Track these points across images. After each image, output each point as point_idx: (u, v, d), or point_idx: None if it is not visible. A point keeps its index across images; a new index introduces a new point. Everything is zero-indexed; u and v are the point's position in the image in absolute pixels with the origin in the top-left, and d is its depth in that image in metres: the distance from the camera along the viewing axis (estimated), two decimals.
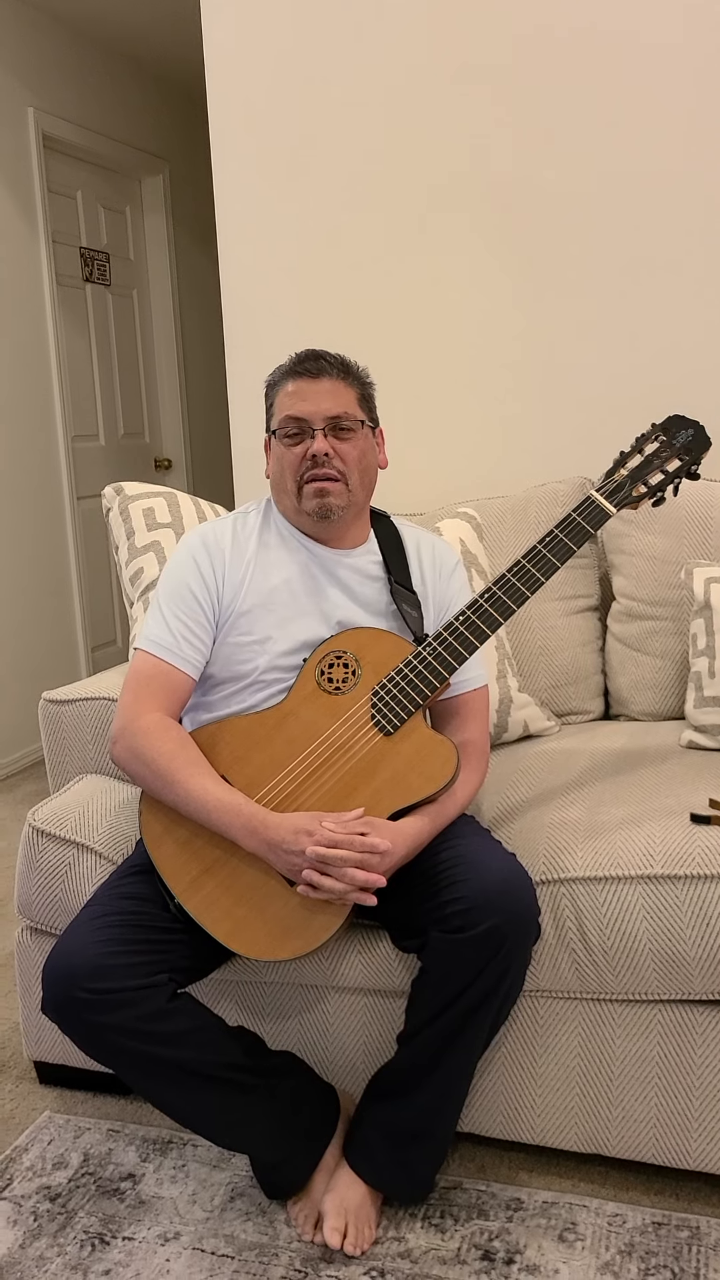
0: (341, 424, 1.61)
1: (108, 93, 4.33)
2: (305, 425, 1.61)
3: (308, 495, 1.62)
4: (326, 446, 1.60)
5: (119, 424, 4.59)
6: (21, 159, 3.85)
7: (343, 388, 1.63)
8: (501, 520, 2.28)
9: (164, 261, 4.78)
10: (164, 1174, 1.71)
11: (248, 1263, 1.52)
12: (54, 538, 4.10)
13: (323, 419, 1.61)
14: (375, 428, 1.69)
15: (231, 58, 2.65)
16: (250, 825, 1.47)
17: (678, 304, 2.45)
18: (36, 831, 1.79)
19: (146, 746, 1.54)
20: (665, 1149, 1.59)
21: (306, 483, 1.62)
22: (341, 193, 2.64)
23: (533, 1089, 1.63)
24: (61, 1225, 1.61)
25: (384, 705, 1.56)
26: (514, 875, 1.47)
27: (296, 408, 1.61)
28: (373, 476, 1.70)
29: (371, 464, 1.68)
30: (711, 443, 1.63)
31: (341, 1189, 1.56)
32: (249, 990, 1.74)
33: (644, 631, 2.19)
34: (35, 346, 3.96)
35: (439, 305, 2.63)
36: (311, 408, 1.60)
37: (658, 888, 1.51)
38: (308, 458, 1.61)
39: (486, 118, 2.50)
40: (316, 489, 1.61)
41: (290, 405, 1.62)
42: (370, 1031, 1.69)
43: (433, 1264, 1.50)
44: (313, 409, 1.60)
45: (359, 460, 1.64)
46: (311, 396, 1.61)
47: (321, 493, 1.61)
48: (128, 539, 2.10)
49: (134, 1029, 1.41)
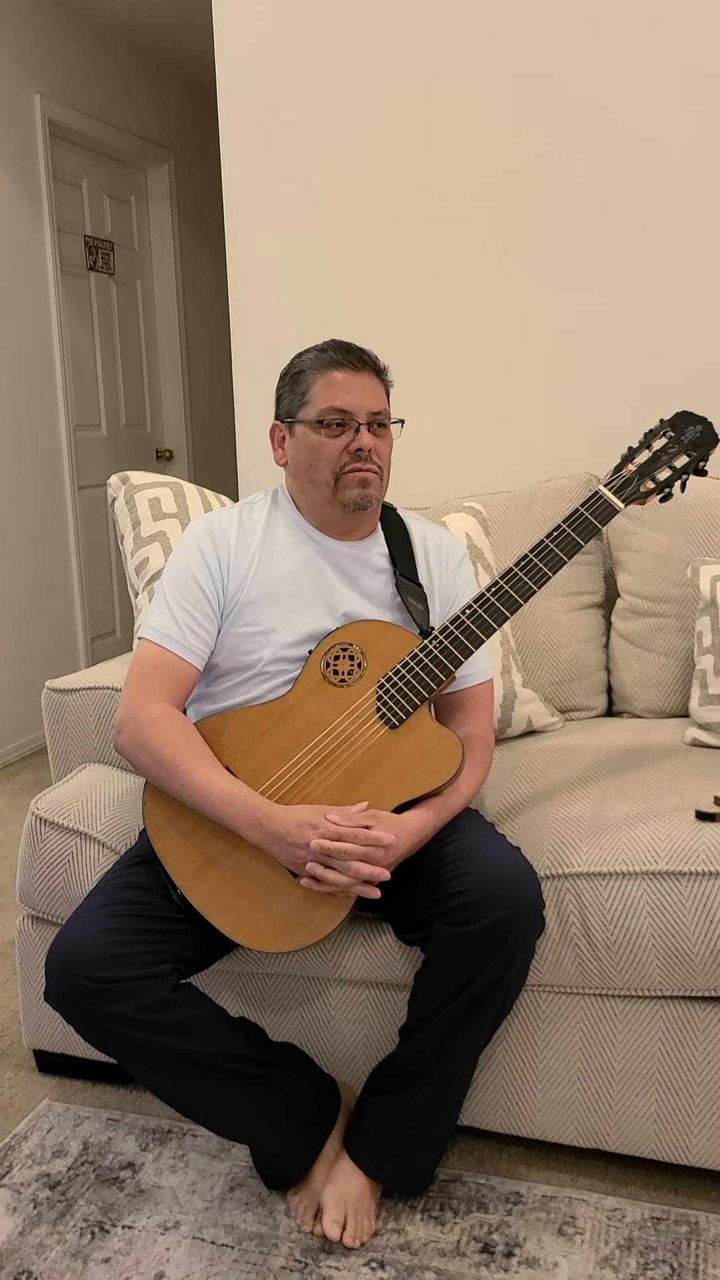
0: (381, 420, 1.62)
1: (115, 82, 4.31)
2: (349, 418, 1.60)
3: (349, 485, 1.61)
4: (372, 442, 1.60)
5: (121, 414, 4.58)
6: (27, 146, 3.84)
7: (378, 384, 1.64)
8: (506, 515, 2.28)
9: (168, 252, 4.77)
10: (164, 1163, 1.71)
11: (247, 1253, 1.52)
12: (55, 527, 4.09)
13: (367, 414, 1.60)
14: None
15: (243, 48, 2.64)
16: (254, 817, 1.47)
17: (685, 301, 2.45)
18: (40, 820, 1.79)
19: (151, 736, 1.54)
20: (665, 1144, 1.60)
21: (348, 474, 1.61)
22: (350, 186, 2.63)
23: (533, 1083, 1.64)
24: (61, 1213, 1.61)
25: (389, 698, 1.56)
26: (519, 869, 1.47)
27: (341, 399, 1.60)
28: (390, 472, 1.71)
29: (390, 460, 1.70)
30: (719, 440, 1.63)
31: (341, 1180, 1.57)
32: (251, 981, 1.74)
33: (648, 628, 2.19)
34: (38, 335, 3.95)
35: (446, 299, 2.62)
36: (357, 401, 1.60)
37: (662, 884, 1.52)
38: (349, 451, 1.60)
39: (498, 115, 2.49)
40: (360, 479, 1.61)
41: (334, 396, 1.60)
42: (372, 1024, 1.69)
43: (432, 1256, 1.51)
44: (358, 403, 1.60)
45: (389, 455, 1.66)
46: (355, 389, 1.60)
47: (365, 483, 1.61)
48: (133, 528, 2.10)
49: (137, 1018, 1.41)
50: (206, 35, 4.02)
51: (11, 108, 3.76)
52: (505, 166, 2.51)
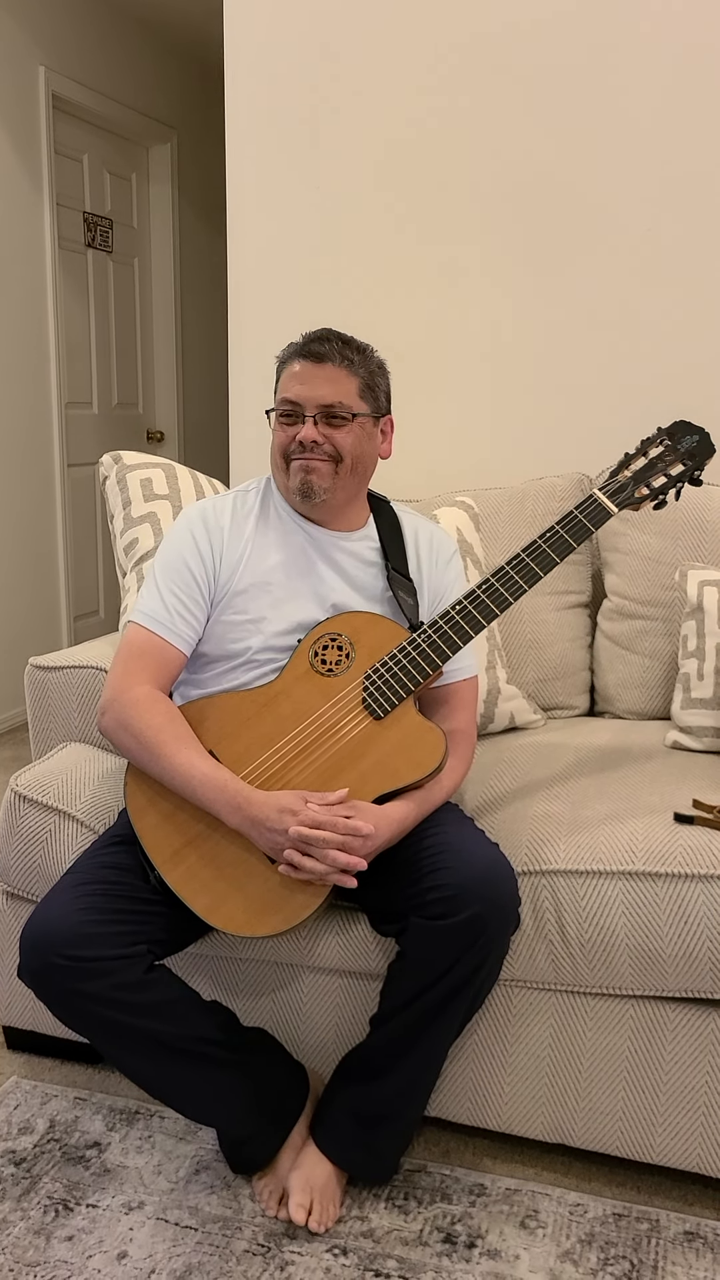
0: (334, 413, 1.61)
1: (120, 57, 4.28)
2: (298, 409, 1.61)
3: (293, 472, 1.64)
4: (315, 435, 1.60)
5: (113, 393, 4.56)
6: (30, 118, 3.80)
7: (344, 376, 1.62)
8: (498, 511, 2.29)
9: (167, 231, 4.74)
10: (130, 1144, 1.71)
11: (210, 1235, 1.53)
12: (43, 504, 4.07)
13: (316, 406, 1.60)
14: (380, 417, 1.68)
15: (251, 29, 2.63)
16: (234, 801, 1.47)
17: (684, 304, 2.46)
18: (19, 797, 1.79)
19: (135, 718, 1.54)
20: (629, 1142, 1.61)
21: (293, 461, 1.63)
22: (354, 171, 2.63)
23: (502, 1077, 1.65)
24: (25, 1190, 1.61)
25: (375, 690, 1.56)
26: (496, 865, 1.48)
27: (294, 390, 1.61)
28: (367, 465, 1.69)
29: (367, 453, 1.67)
30: (716, 449, 1.63)
31: (307, 1167, 1.57)
32: (224, 966, 1.74)
33: (634, 630, 2.20)
34: (34, 309, 3.92)
35: (445, 292, 2.62)
36: (308, 393, 1.60)
37: (638, 884, 1.53)
38: (296, 441, 1.62)
39: (503, 107, 2.49)
40: (301, 465, 1.62)
41: (289, 387, 1.62)
42: (343, 1012, 1.70)
43: (395, 1244, 1.51)
44: (308, 394, 1.60)
45: (352, 449, 1.64)
46: (310, 381, 1.61)
47: (306, 469, 1.62)
48: (124, 508, 2.09)
49: (110, 998, 1.41)
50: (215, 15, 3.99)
51: (15, 79, 3.72)
52: (508, 159, 2.51)
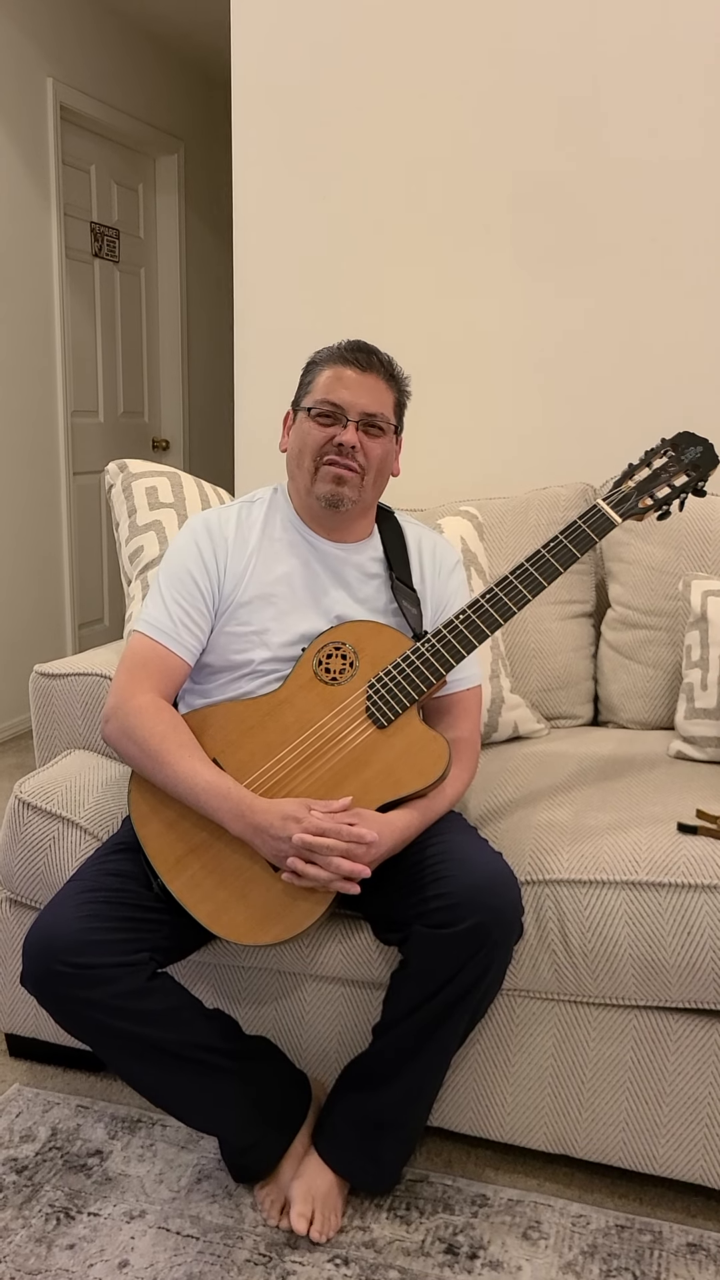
0: (375, 422, 1.63)
1: (128, 69, 4.30)
2: (340, 413, 1.62)
3: (324, 478, 1.63)
4: (355, 439, 1.61)
5: (119, 402, 4.57)
6: (38, 129, 3.83)
7: (384, 388, 1.64)
8: (502, 521, 2.29)
9: (174, 242, 4.76)
10: (131, 1152, 1.71)
11: (212, 1244, 1.53)
12: (48, 512, 4.08)
13: (359, 412, 1.61)
14: (399, 434, 1.70)
15: (259, 41, 2.64)
16: (238, 809, 1.47)
17: (689, 315, 2.46)
18: (23, 804, 1.79)
19: (138, 726, 1.54)
20: (632, 1153, 1.60)
21: (325, 465, 1.63)
22: (360, 182, 2.64)
23: (504, 1087, 1.64)
24: (27, 1198, 1.60)
25: (379, 699, 1.56)
26: (500, 873, 1.48)
27: (337, 393, 1.62)
28: (385, 480, 1.71)
29: (388, 468, 1.70)
30: (719, 461, 1.64)
31: (309, 1176, 1.57)
32: (227, 974, 1.74)
33: (638, 640, 2.20)
34: (40, 319, 3.93)
35: (450, 302, 2.63)
36: (352, 398, 1.61)
37: (642, 894, 1.52)
38: (333, 444, 1.62)
39: (509, 120, 2.50)
40: (334, 474, 1.62)
41: (331, 389, 1.62)
42: (346, 1021, 1.69)
43: (396, 1255, 1.51)
44: (352, 399, 1.61)
45: (380, 460, 1.65)
46: (355, 387, 1.62)
47: (339, 480, 1.62)
48: (129, 516, 2.09)
49: (112, 1005, 1.42)
50: (222, 27, 4.01)
51: (24, 90, 3.74)
52: (513, 170, 2.52)
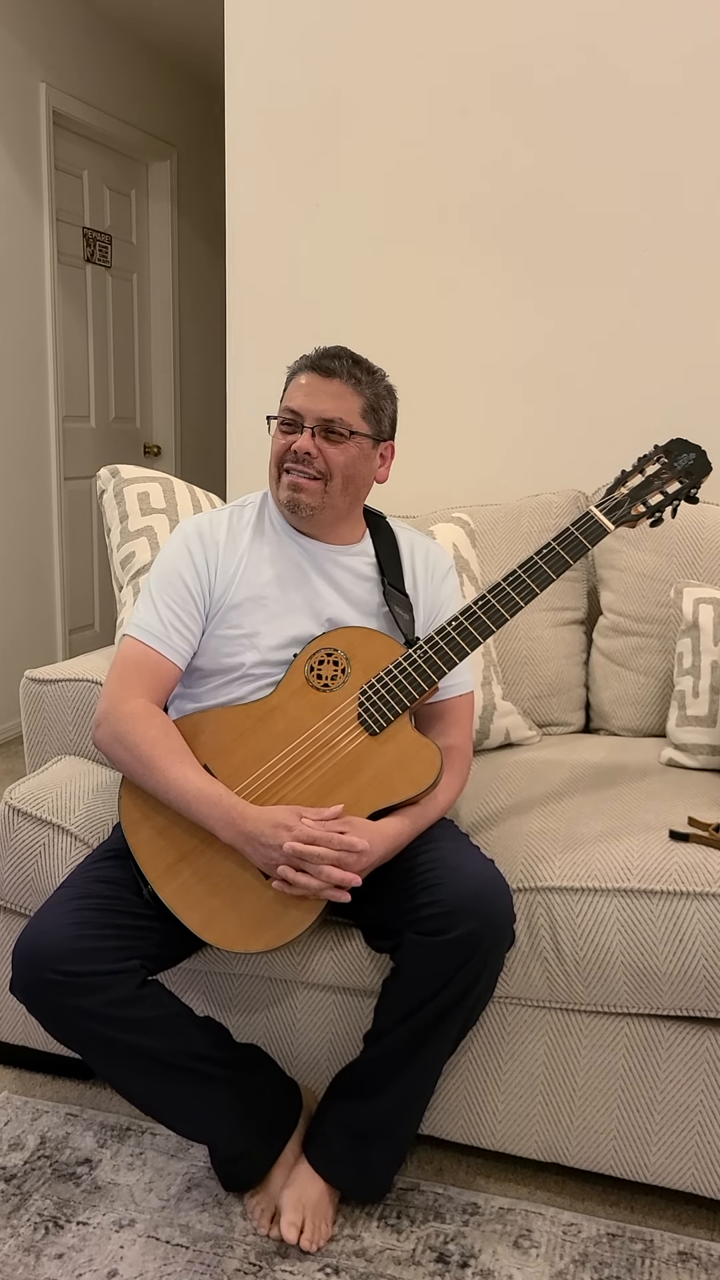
0: (334, 428, 1.61)
1: (121, 75, 4.30)
2: (298, 420, 1.62)
3: (283, 485, 1.65)
4: (310, 446, 1.61)
5: (110, 407, 4.57)
6: (31, 134, 3.82)
7: (349, 393, 1.62)
8: (494, 527, 2.29)
9: (166, 247, 4.76)
10: (121, 1161, 1.70)
11: (202, 1253, 1.52)
12: (39, 517, 4.07)
13: (315, 418, 1.61)
14: (380, 441, 1.67)
15: (252, 48, 2.65)
16: (229, 817, 1.47)
17: (681, 323, 2.47)
18: (12, 810, 1.78)
19: (129, 732, 1.54)
20: (623, 1161, 1.60)
21: (283, 472, 1.64)
22: (353, 189, 2.64)
23: (495, 1095, 1.64)
24: (15, 1207, 1.59)
25: (371, 705, 1.56)
26: (492, 881, 1.48)
27: (297, 400, 1.62)
28: (360, 486, 1.67)
29: (361, 474, 1.66)
30: (712, 468, 1.64)
31: (300, 1185, 1.56)
32: (217, 981, 1.73)
33: (629, 647, 2.21)
34: (32, 324, 3.93)
35: (443, 310, 2.63)
36: (310, 404, 1.61)
37: (633, 902, 1.52)
38: (291, 450, 1.62)
39: (501, 128, 2.51)
40: (290, 482, 1.63)
41: (293, 397, 1.63)
42: (337, 1029, 1.69)
43: (387, 1264, 1.50)
44: (310, 406, 1.61)
45: (345, 467, 1.62)
46: (314, 394, 1.61)
47: (294, 487, 1.63)
48: (121, 522, 2.09)
49: (102, 1013, 1.41)
50: (215, 34, 4.02)
51: (16, 95, 3.74)
52: (505, 179, 2.52)
